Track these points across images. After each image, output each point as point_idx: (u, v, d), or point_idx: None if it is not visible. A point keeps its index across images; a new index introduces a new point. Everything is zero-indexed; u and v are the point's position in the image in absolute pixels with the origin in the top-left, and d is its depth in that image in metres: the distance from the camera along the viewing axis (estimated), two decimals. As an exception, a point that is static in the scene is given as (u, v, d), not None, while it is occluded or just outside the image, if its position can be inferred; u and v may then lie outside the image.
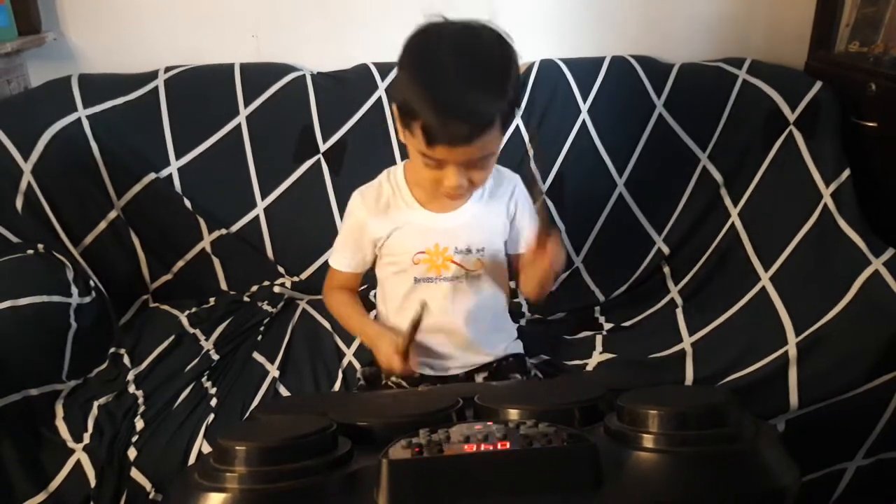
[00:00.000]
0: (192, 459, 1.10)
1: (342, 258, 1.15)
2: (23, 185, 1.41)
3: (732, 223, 1.51)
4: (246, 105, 1.55)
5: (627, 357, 1.28)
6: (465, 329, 1.12)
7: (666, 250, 1.58)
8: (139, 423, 1.14)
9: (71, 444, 1.11)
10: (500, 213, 1.12)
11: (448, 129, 0.90)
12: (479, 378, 1.14)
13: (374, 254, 1.13)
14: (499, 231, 1.13)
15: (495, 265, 1.13)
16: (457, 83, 0.91)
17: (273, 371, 1.28)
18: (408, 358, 1.05)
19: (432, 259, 1.08)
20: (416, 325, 1.02)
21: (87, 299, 1.34)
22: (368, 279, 1.21)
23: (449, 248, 1.08)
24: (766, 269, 1.38)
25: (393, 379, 1.14)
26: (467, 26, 0.95)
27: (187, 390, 1.23)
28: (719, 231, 1.53)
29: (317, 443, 0.70)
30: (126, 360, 1.31)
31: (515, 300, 1.44)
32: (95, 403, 1.18)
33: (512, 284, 1.20)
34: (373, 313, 1.39)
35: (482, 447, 0.67)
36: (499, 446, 0.67)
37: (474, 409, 0.83)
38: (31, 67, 1.64)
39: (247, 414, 1.17)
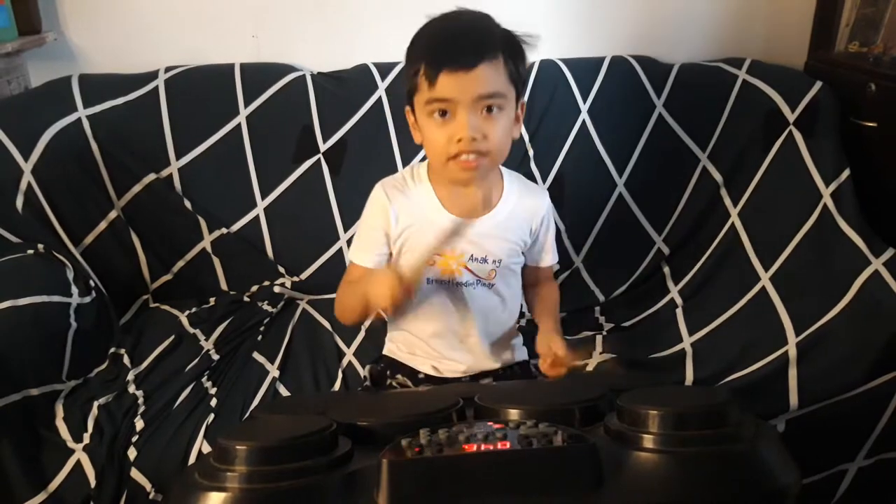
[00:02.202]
0: (192, 459, 1.10)
1: (362, 252, 1.11)
2: (23, 185, 1.41)
3: (732, 223, 1.51)
4: (246, 105, 1.55)
5: (627, 357, 1.28)
6: (473, 335, 1.11)
7: (666, 250, 1.58)
8: (139, 423, 1.14)
9: (71, 444, 1.11)
10: (522, 228, 1.11)
11: (448, 51, 0.94)
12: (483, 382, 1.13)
13: (390, 247, 1.10)
14: (518, 245, 1.12)
15: (510, 277, 1.12)
16: (454, 26, 0.99)
17: (273, 371, 1.28)
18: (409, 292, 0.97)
19: (447, 263, 1.07)
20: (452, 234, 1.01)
21: (88, 299, 1.34)
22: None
23: (465, 254, 1.07)
24: (766, 269, 1.38)
25: (399, 378, 1.14)
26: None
27: (187, 390, 1.23)
28: (719, 231, 1.53)
29: (317, 443, 0.70)
30: (126, 360, 1.31)
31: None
32: (95, 403, 1.18)
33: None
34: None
35: (482, 447, 0.67)
36: (499, 446, 0.67)
37: (474, 409, 0.83)
38: (31, 67, 1.64)
39: (247, 414, 1.17)
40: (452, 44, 0.96)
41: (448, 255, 1.07)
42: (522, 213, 1.11)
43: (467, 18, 1.00)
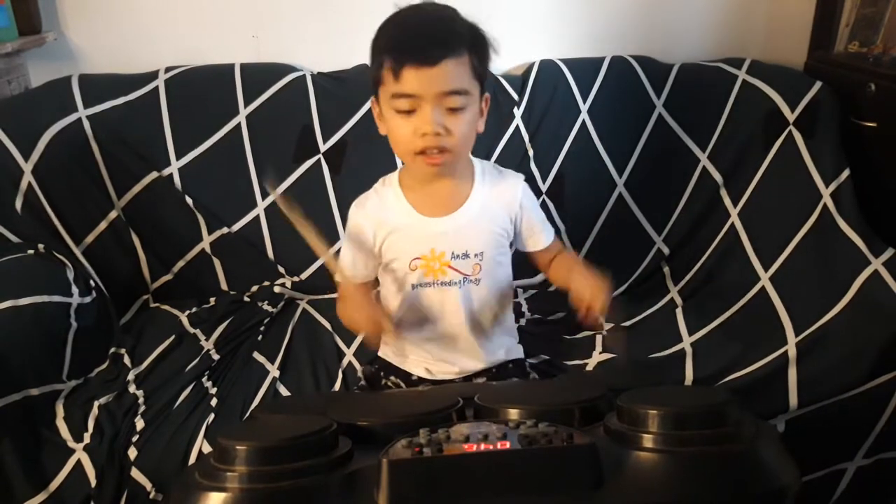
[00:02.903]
0: (192, 459, 1.10)
1: (345, 270, 1.12)
2: (23, 185, 1.41)
3: (732, 223, 1.51)
4: (246, 105, 1.55)
5: (627, 357, 1.28)
6: (465, 334, 1.10)
7: (666, 250, 1.59)
8: (139, 423, 1.14)
9: (71, 443, 1.11)
10: (500, 216, 1.09)
11: (413, 46, 0.94)
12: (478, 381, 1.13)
13: (376, 261, 1.11)
14: (499, 235, 1.10)
15: (496, 270, 1.10)
16: (416, 19, 0.99)
17: (273, 371, 1.28)
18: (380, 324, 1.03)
19: (429, 264, 1.06)
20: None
21: (88, 299, 1.34)
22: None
23: (446, 252, 1.06)
24: (766, 269, 1.38)
25: (392, 379, 1.14)
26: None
27: (187, 390, 1.23)
28: (719, 231, 1.53)
29: (317, 443, 0.70)
30: (126, 359, 1.31)
31: (515, 299, 1.44)
32: (96, 403, 1.18)
33: (538, 279, 1.20)
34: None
35: (482, 447, 0.67)
36: (499, 446, 0.67)
37: (474, 409, 0.83)
38: (31, 67, 1.64)
39: (247, 414, 1.17)
40: (417, 38, 0.95)
41: (428, 256, 1.06)
42: (497, 201, 1.09)
43: (432, 11, 1.00)
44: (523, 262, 1.20)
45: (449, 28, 0.97)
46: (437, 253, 1.06)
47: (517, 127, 1.59)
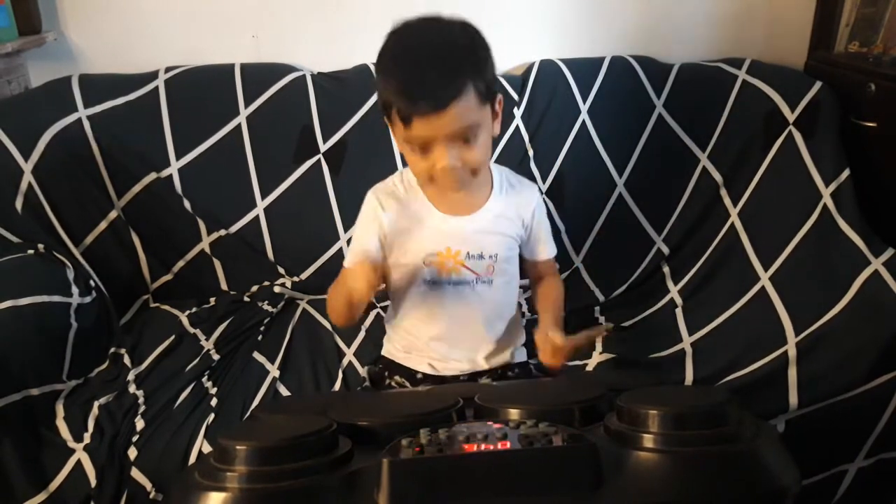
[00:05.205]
0: (192, 459, 1.10)
1: (355, 258, 1.11)
2: (23, 185, 1.41)
3: (732, 223, 1.51)
4: (246, 105, 1.55)
5: (627, 357, 1.28)
6: (473, 333, 1.11)
7: (666, 250, 1.58)
8: (139, 423, 1.14)
9: (71, 443, 1.11)
10: (515, 220, 1.12)
11: (416, 100, 0.93)
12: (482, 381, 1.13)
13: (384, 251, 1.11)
14: (512, 238, 1.12)
15: (507, 267, 1.12)
16: (419, 60, 0.95)
17: (273, 371, 1.28)
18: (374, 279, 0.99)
19: (443, 262, 1.07)
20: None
21: (88, 299, 1.34)
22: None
23: (461, 252, 1.07)
24: (766, 268, 1.38)
25: (396, 378, 1.14)
26: (432, 18, 0.99)
27: (187, 390, 1.23)
28: (719, 231, 1.53)
29: (317, 443, 0.70)
30: (126, 359, 1.31)
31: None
32: (96, 403, 1.18)
33: (524, 281, 1.21)
34: (373, 314, 1.40)
35: (482, 447, 0.67)
36: (499, 446, 0.67)
37: (474, 409, 0.83)
38: (31, 67, 1.64)
39: (247, 414, 1.17)
40: (422, 85, 0.93)
41: (443, 254, 1.07)
42: (513, 206, 1.12)
43: (433, 39, 0.97)
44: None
45: (451, 63, 0.94)
46: (453, 251, 1.07)
47: (517, 127, 1.59)
